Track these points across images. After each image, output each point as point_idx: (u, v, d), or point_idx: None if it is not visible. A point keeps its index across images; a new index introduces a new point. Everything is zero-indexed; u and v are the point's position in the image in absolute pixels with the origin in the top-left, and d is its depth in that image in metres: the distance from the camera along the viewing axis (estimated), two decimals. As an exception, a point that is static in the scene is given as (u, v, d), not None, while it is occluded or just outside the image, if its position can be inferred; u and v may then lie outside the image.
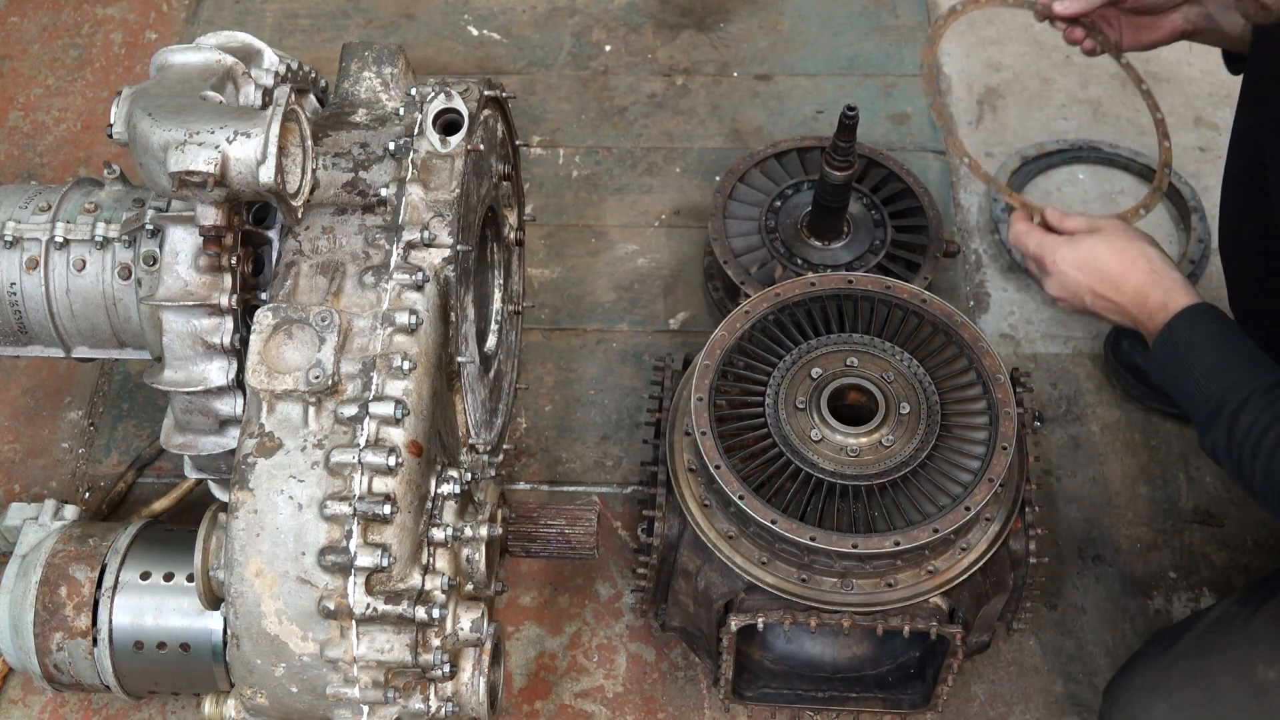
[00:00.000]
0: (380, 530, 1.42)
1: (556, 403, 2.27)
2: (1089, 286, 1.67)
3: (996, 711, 1.92)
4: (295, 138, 1.51)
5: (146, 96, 1.48)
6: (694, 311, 2.38)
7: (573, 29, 2.83)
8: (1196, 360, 1.55)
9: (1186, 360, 1.56)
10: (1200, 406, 1.54)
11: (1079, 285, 1.67)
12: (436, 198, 1.58)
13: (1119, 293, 1.64)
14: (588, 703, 1.95)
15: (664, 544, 1.74)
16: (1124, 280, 1.64)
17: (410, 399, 1.46)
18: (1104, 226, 1.69)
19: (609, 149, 2.62)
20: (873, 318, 1.81)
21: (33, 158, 2.63)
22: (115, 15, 2.89)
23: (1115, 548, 2.07)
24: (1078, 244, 1.68)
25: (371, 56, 1.74)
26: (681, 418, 1.76)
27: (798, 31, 2.81)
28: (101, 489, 2.16)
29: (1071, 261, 1.67)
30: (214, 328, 1.56)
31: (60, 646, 1.64)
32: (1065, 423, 2.22)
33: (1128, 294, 1.63)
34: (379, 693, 1.44)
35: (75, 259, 1.68)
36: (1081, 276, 1.67)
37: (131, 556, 1.67)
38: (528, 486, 2.17)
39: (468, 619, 1.52)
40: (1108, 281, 1.65)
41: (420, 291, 1.52)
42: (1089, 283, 1.66)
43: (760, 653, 1.89)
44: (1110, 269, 1.65)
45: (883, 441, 1.69)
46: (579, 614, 2.03)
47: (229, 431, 1.64)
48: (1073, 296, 1.69)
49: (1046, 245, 1.70)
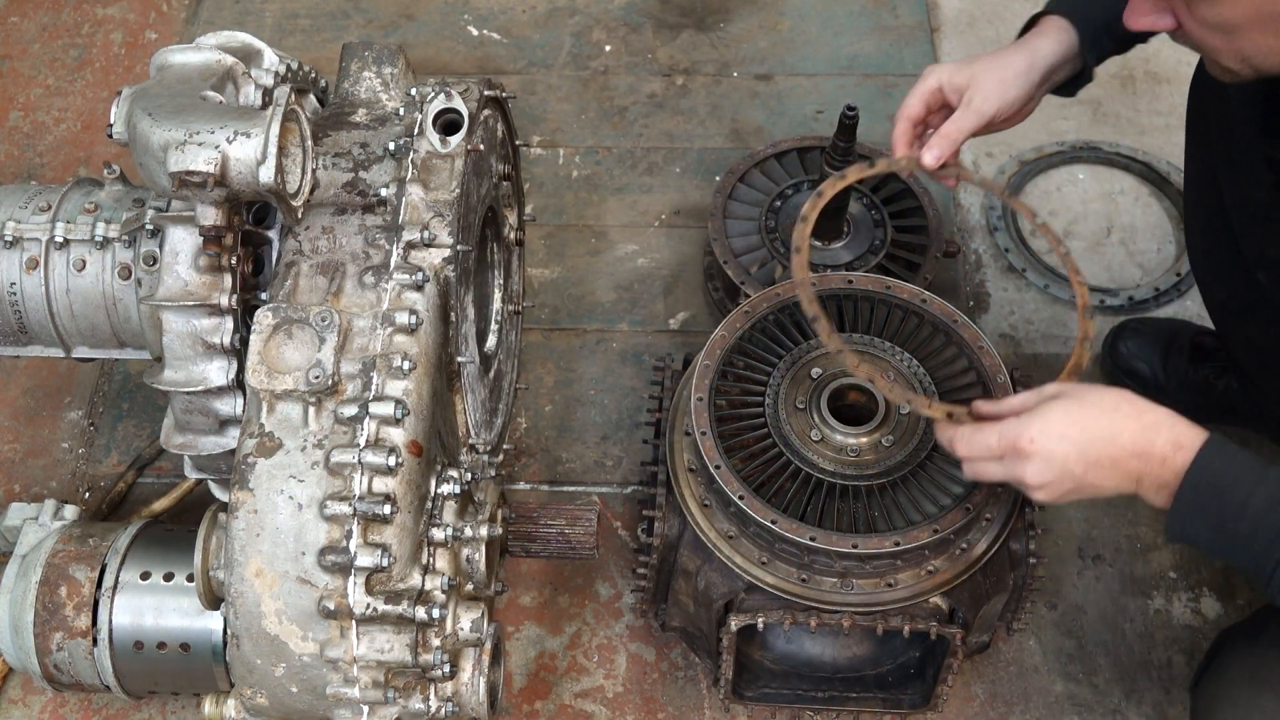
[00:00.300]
0: (380, 530, 1.42)
1: (556, 403, 2.27)
2: (1080, 453, 1.41)
3: (996, 711, 1.92)
4: (295, 138, 1.51)
5: (146, 96, 1.48)
6: (694, 311, 2.38)
7: (573, 29, 2.83)
8: (1245, 495, 1.34)
9: (1231, 498, 1.34)
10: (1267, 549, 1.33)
11: (1067, 457, 1.41)
12: (436, 198, 1.58)
13: (1116, 447, 1.40)
14: (588, 703, 1.95)
15: (664, 544, 1.74)
16: (1118, 433, 1.40)
17: (410, 399, 1.46)
18: (1060, 390, 1.46)
19: (609, 149, 2.62)
20: (873, 318, 1.81)
21: (33, 158, 2.64)
22: (115, 15, 2.89)
23: (1115, 548, 2.07)
24: (1047, 413, 1.43)
25: (371, 56, 1.74)
26: (681, 418, 1.76)
27: (798, 31, 2.81)
28: (101, 489, 2.16)
29: (1051, 433, 1.41)
30: (214, 328, 1.56)
31: (60, 646, 1.64)
32: (1065, 423, 2.21)
33: (1126, 446, 1.40)
34: (379, 693, 1.44)
35: (75, 259, 1.68)
36: (1068, 445, 1.41)
37: (131, 556, 1.67)
38: (528, 486, 2.17)
39: (468, 619, 1.52)
40: (1100, 439, 1.40)
41: (420, 291, 1.52)
42: (1079, 449, 1.41)
43: (760, 653, 1.89)
44: (1098, 425, 1.41)
45: (883, 441, 1.69)
46: (579, 614, 2.03)
47: (229, 431, 1.64)
48: (1061, 473, 1.42)
49: (1009, 430, 1.44)
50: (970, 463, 1.50)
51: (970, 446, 1.48)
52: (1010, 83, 1.72)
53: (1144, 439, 1.39)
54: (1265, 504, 1.33)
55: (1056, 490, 1.44)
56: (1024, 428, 1.42)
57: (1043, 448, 1.41)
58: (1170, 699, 1.92)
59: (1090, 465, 1.41)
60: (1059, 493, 1.44)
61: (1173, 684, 1.93)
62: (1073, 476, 1.42)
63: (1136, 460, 1.40)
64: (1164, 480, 1.39)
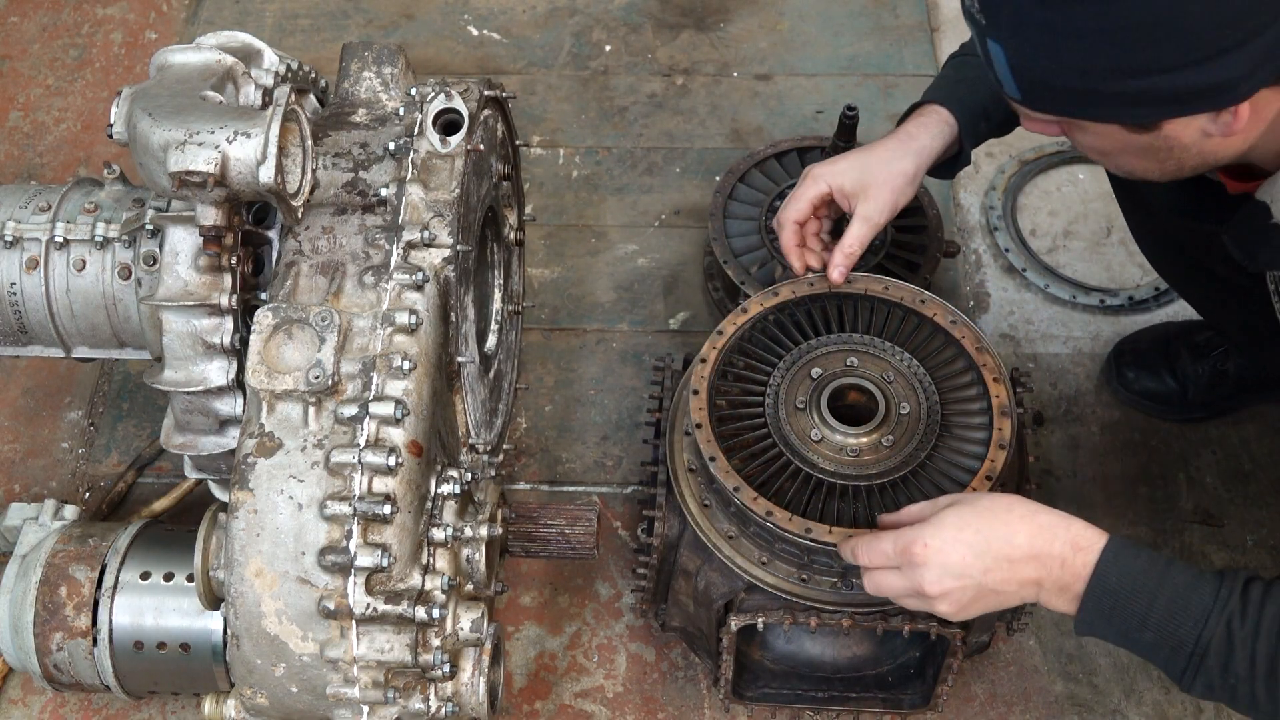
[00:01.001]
0: (380, 530, 1.42)
1: (556, 403, 2.27)
2: (976, 556, 1.38)
3: (996, 711, 1.92)
4: (295, 138, 1.51)
5: (146, 96, 1.48)
6: (694, 311, 2.38)
7: (573, 29, 2.83)
8: (1145, 607, 1.34)
9: (1133, 611, 1.35)
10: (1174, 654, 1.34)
11: (964, 560, 1.38)
12: (436, 198, 1.58)
13: (1012, 548, 1.38)
14: (588, 703, 1.95)
15: (664, 544, 1.74)
16: (1013, 534, 1.38)
17: (410, 399, 1.46)
18: (955, 499, 1.45)
19: (609, 149, 2.62)
20: (872, 318, 1.81)
21: (33, 158, 2.64)
22: (115, 15, 2.89)
23: (1115, 548, 2.07)
24: (941, 520, 1.40)
25: (371, 56, 1.74)
26: (681, 417, 1.76)
27: (798, 31, 2.81)
28: (101, 489, 2.16)
29: (945, 538, 1.39)
30: (214, 328, 1.57)
31: (60, 646, 1.64)
32: (1065, 423, 2.22)
33: (1023, 548, 1.38)
34: (379, 693, 1.44)
35: (75, 259, 1.68)
36: (963, 549, 1.38)
37: (131, 556, 1.67)
38: (528, 486, 2.17)
39: (468, 619, 1.52)
40: (996, 540, 1.38)
41: (420, 291, 1.52)
42: (975, 552, 1.38)
43: (760, 653, 1.89)
44: (992, 528, 1.38)
45: (883, 441, 1.69)
46: (579, 614, 2.03)
47: (229, 431, 1.64)
48: (960, 578, 1.39)
49: (903, 537, 1.42)
50: (869, 574, 1.47)
51: (870, 555, 1.46)
52: (900, 190, 1.77)
53: (1040, 541, 1.38)
54: (1164, 615, 1.33)
55: (959, 600, 1.41)
56: (918, 534, 1.41)
57: (937, 553, 1.39)
58: (1170, 699, 1.92)
59: (987, 568, 1.38)
60: (962, 602, 1.41)
61: (1172, 684, 1.92)
62: (972, 580, 1.39)
63: (1034, 563, 1.38)
64: (1064, 583, 1.38)
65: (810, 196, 1.80)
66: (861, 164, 1.78)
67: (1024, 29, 1.32)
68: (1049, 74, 1.34)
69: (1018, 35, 1.33)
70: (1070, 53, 1.30)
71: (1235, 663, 1.31)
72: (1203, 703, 1.91)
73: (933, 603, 1.42)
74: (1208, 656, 1.32)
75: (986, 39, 1.36)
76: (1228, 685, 1.33)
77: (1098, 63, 1.29)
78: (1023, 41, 1.33)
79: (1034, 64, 1.34)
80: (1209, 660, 1.32)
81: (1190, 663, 1.33)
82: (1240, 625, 1.30)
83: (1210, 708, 1.91)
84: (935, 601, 1.42)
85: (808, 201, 1.80)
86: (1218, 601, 1.32)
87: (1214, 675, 1.33)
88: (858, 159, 1.79)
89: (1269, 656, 1.29)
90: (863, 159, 1.78)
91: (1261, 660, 1.30)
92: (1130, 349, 2.23)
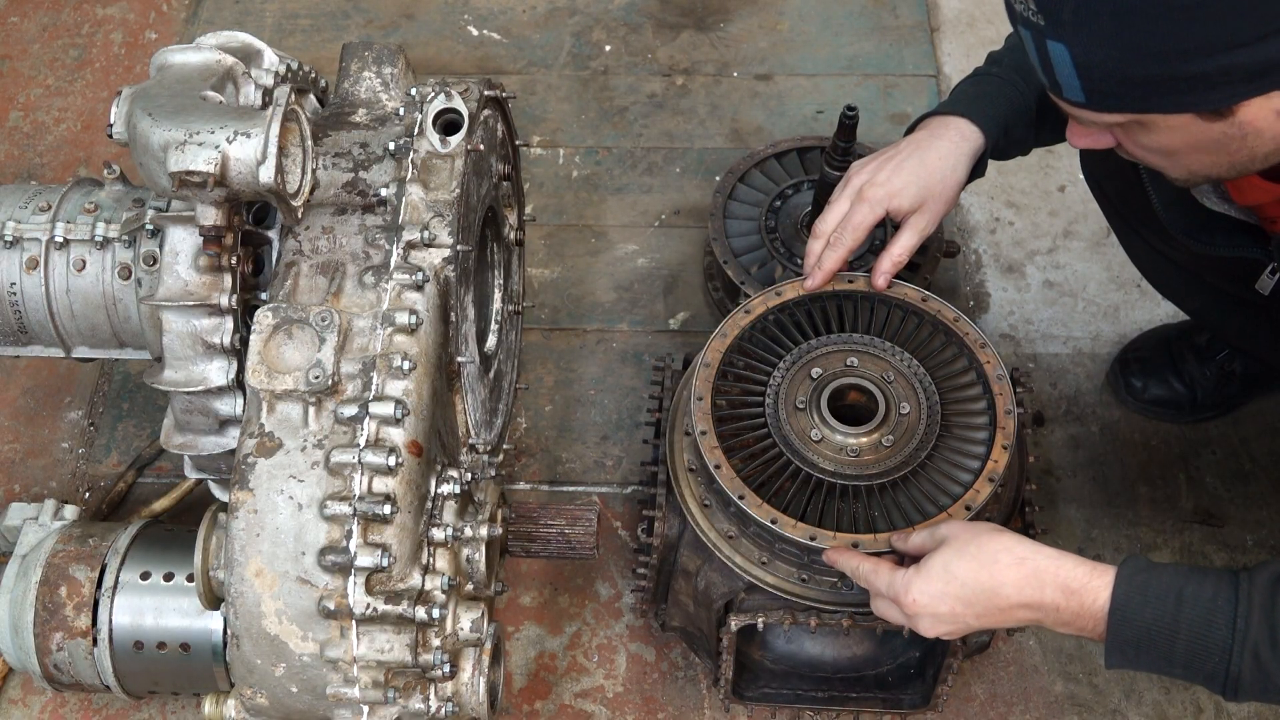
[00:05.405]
0: (380, 530, 1.42)
1: (556, 403, 2.27)
2: (965, 606, 1.40)
3: (996, 711, 1.92)
4: (295, 138, 1.51)
5: (146, 96, 1.48)
6: (694, 311, 2.38)
7: (573, 29, 2.83)
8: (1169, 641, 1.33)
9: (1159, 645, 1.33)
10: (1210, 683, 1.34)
11: (953, 611, 1.40)
12: (436, 198, 1.58)
13: (1001, 598, 1.39)
14: (588, 703, 1.95)
15: (664, 544, 1.74)
16: (1000, 585, 1.38)
17: (410, 399, 1.46)
18: (945, 536, 1.45)
19: (609, 149, 2.62)
20: (873, 318, 1.81)
21: (33, 158, 2.63)
22: (115, 15, 2.89)
23: (1115, 547, 2.07)
24: (928, 571, 1.42)
25: (371, 56, 1.74)
26: (681, 418, 1.76)
27: (798, 31, 2.81)
28: (101, 489, 2.16)
29: (931, 592, 1.41)
30: (214, 328, 1.57)
31: (60, 646, 1.64)
32: (1065, 423, 2.22)
33: (1012, 599, 1.38)
34: (379, 693, 1.44)
35: (75, 259, 1.68)
36: (951, 601, 1.40)
37: (131, 556, 1.67)
38: (528, 486, 2.17)
39: (468, 619, 1.52)
40: (982, 593, 1.39)
41: (420, 291, 1.52)
42: (963, 603, 1.40)
43: (760, 653, 1.89)
44: (977, 580, 1.39)
45: (883, 441, 1.69)
46: (579, 614, 2.03)
47: (229, 431, 1.64)
48: (953, 622, 1.42)
49: (897, 584, 1.44)
50: (873, 600, 1.51)
51: (870, 585, 1.50)
52: (953, 202, 1.77)
53: (1029, 590, 1.37)
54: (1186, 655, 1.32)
55: (959, 632, 1.45)
56: (907, 586, 1.42)
57: (925, 607, 1.41)
58: (1170, 699, 1.92)
59: (979, 614, 1.41)
60: (961, 632, 1.45)
61: (1173, 684, 1.93)
62: (964, 624, 1.42)
63: (1025, 609, 1.39)
64: (1063, 620, 1.38)
65: (869, 225, 1.74)
66: (918, 179, 1.72)
67: (1092, 20, 1.25)
68: (1121, 64, 1.27)
69: (1084, 28, 1.26)
70: (1146, 35, 1.23)
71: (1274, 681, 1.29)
72: (1202, 703, 1.91)
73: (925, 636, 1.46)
74: (1241, 682, 1.31)
75: (1046, 40, 1.30)
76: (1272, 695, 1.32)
77: (1175, 43, 1.22)
78: (1090, 34, 1.26)
79: (1104, 57, 1.27)
80: (1244, 684, 1.31)
81: (1227, 689, 1.32)
82: (1271, 654, 1.29)
83: (1210, 708, 1.91)
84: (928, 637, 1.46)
85: (865, 230, 1.74)
86: (1235, 635, 1.30)
87: (1255, 693, 1.32)
88: (914, 173, 1.73)
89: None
90: (918, 173, 1.73)
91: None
92: (1134, 356, 2.23)
